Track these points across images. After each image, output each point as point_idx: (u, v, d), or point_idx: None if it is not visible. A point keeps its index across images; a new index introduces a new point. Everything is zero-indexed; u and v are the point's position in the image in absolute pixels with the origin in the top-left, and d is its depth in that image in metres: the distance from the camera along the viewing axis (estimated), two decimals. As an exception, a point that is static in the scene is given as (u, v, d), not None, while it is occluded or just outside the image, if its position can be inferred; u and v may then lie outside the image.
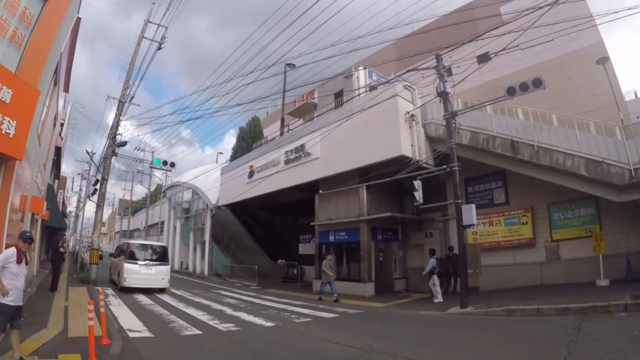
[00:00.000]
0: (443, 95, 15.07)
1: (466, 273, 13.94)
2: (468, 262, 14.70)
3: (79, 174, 47.45)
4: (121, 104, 19.90)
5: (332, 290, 17.05)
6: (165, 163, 20.52)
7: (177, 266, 36.91)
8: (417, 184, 15.18)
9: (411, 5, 19.29)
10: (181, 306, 13.56)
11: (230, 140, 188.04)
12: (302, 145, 22.04)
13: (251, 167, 26.54)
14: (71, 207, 59.34)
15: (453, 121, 14.92)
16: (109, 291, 16.53)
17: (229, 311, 12.93)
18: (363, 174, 19.18)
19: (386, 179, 17.46)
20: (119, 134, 19.44)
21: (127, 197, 62.56)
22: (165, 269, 18.06)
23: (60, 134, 22.79)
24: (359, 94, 22.02)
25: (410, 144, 17.66)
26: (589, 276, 14.42)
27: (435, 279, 15.82)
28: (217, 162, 46.36)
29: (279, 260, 29.15)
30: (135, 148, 51.69)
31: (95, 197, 19.18)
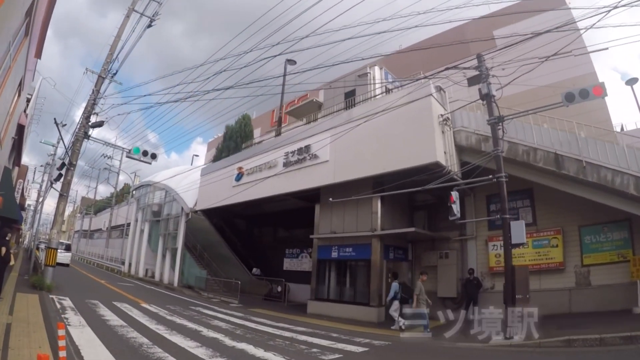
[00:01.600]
0: (487, 98, 13.51)
1: (514, 298, 12.02)
2: (516, 287, 12.53)
3: (41, 166, 43.20)
4: (100, 79, 16.89)
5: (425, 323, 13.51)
6: (145, 153, 17.36)
7: (141, 273, 33.39)
8: (455, 195, 13.55)
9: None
10: (162, 330, 10.51)
11: (197, 149, 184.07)
12: (308, 147, 19.52)
13: (240, 168, 23.77)
14: (30, 200, 54.49)
15: (499, 127, 13.30)
16: (67, 302, 13.34)
17: (227, 341, 10.03)
18: (377, 183, 17.19)
19: (406, 189, 15.37)
20: (95, 113, 16.38)
21: (91, 196, 58.49)
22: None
23: (25, 111, 19.51)
24: (374, 95, 20.09)
25: (443, 151, 15.60)
26: (621, 303, 13.31)
27: (396, 304, 14.86)
28: (191, 165, 43.19)
29: (254, 269, 27.01)
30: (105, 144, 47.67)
31: (59, 185, 16.10)
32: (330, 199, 17.83)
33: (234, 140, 32.62)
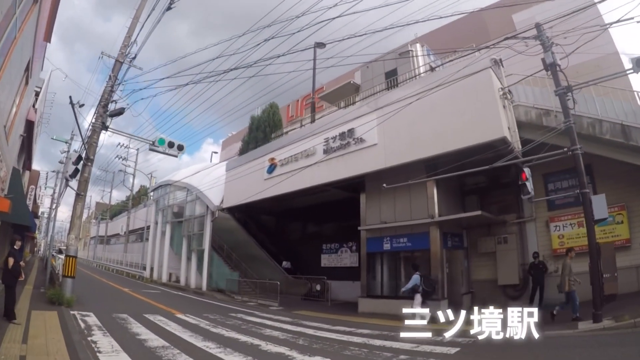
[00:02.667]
0: (552, 68, 12.63)
1: (600, 278, 11.37)
2: (602, 265, 11.82)
3: (53, 171, 41.47)
4: (118, 64, 14.94)
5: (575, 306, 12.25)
6: (171, 145, 15.36)
7: (165, 278, 31.58)
8: (528, 172, 12.35)
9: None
10: (214, 349, 8.48)
11: (207, 149, 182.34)
12: (351, 130, 17.63)
13: (272, 159, 21.84)
14: (44, 208, 52.84)
15: (568, 98, 12.47)
16: (92, 319, 11.40)
17: (296, 355, 8.09)
18: (430, 166, 15.55)
19: (466, 170, 13.85)
20: (113, 101, 14.43)
21: (105, 201, 56.98)
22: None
23: (34, 106, 17.71)
24: (420, 73, 18.70)
25: (507, 127, 13.98)
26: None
27: (418, 298, 13.75)
28: (211, 162, 41.33)
29: (284, 263, 26.11)
30: (118, 144, 46.01)
31: (74, 185, 14.21)
32: (384, 185, 15.75)
33: (262, 131, 30.46)
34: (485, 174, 16.12)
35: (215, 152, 48.95)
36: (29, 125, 17.62)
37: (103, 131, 14.31)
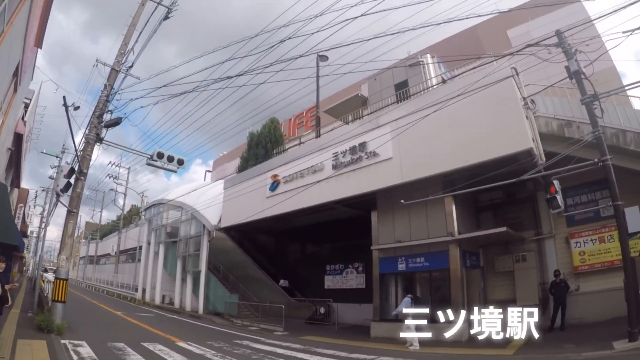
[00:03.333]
0: (577, 76, 12.16)
1: (637, 295, 10.64)
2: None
3: (42, 189, 40.08)
4: (114, 73, 14.00)
5: None
6: (171, 159, 14.32)
7: (158, 300, 30.17)
8: (557, 184, 11.80)
9: None
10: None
11: (196, 170, 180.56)
12: (363, 144, 16.99)
13: (275, 176, 20.99)
14: (33, 227, 51.13)
15: (595, 106, 11.95)
16: (85, 350, 10.20)
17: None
18: (447, 181, 14.96)
19: (482, 186, 13.05)
20: (109, 111, 13.42)
21: (95, 220, 55.45)
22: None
23: (23, 118, 16.73)
24: (432, 85, 18.12)
25: (531, 137, 13.27)
26: None
27: (411, 322, 12.91)
28: (204, 181, 40.26)
29: (281, 282, 25.08)
30: (109, 163, 44.75)
31: (66, 199, 13.08)
32: (402, 201, 14.94)
33: (263, 147, 29.54)
34: (502, 189, 15.61)
35: (209, 171, 47.86)
36: (18, 139, 16.62)
37: (97, 144, 13.25)
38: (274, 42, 14.39)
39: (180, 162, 14.61)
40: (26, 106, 17.60)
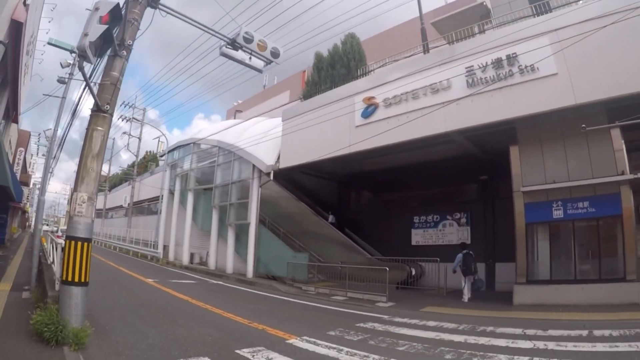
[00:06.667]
0: None
1: None
2: None
3: (46, 130, 34.51)
4: None
5: None
6: (263, 48, 8.94)
7: (186, 260, 25.45)
8: None
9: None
10: None
11: (198, 124, 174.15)
12: (512, 56, 12.45)
13: (369, 99, 15.76)
14: (36, 179, 45.45)
15: None
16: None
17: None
18: (611, 109, 11.54)
19: None
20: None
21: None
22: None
23: (25, 2, 11.30)
24: None
25: None
26: None
27: (463, 279, 14.07)
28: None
29: (330, 217, 21.58)
30: (122, 103, 39.07)
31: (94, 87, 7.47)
32: (584, 126, 10.81)
33: (344, 65, 23.91)
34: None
35: (240, 111, 42.26)
36: (16, 30, 11.15)
37: (151, 8, 7.74)
38: None
39: (275, 55, 9.29)
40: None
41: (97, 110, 7.04)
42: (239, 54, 9.10)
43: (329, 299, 14.45)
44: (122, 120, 38.72)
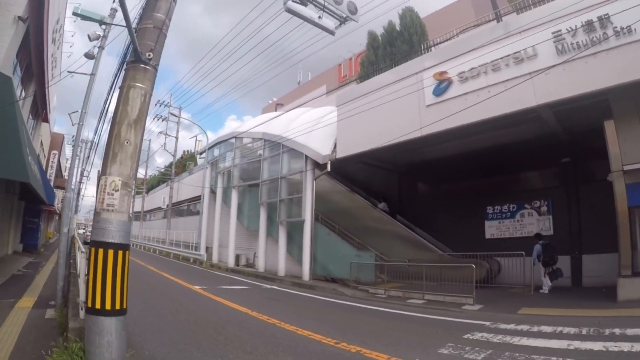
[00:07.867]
0: None
1: None
2: None
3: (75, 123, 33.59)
4: None
5: None
6: (339, 2, 7.31)
7: (231, 262, 24.06)
8: None
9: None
10: None
11: (230, 125, 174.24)
12: (606, 17, 10.48)
13: (441, 74, 13.85)
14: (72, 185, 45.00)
15: None
16: None
17: None
18: None
19: None
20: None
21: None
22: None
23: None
24: None
25: None
26: None
27: (542, 270, 13.83)
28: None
29: (381, 204, 20.01)
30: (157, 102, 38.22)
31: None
32: None
33: (405, 41, 22.23)
34: None
35: (281, 104, 40.90)
36: (38, 4, 9.78)
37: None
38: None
39: (352, 12, 7.62)
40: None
41: (135, 60, 5.24)
42: (307, 11, 7.46)
43: (404, 303, 12.71)
44: (158, 119, 37.77)
